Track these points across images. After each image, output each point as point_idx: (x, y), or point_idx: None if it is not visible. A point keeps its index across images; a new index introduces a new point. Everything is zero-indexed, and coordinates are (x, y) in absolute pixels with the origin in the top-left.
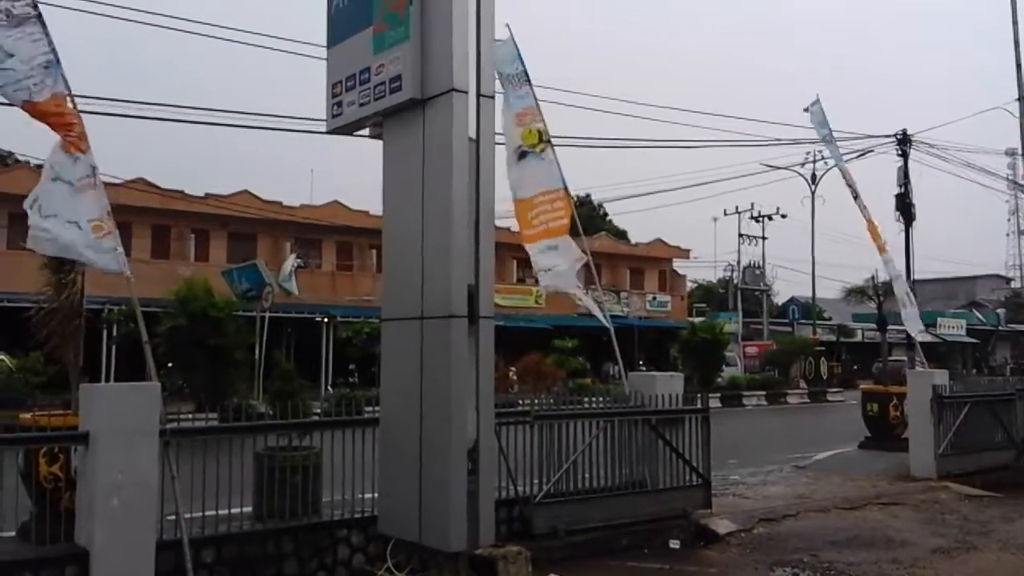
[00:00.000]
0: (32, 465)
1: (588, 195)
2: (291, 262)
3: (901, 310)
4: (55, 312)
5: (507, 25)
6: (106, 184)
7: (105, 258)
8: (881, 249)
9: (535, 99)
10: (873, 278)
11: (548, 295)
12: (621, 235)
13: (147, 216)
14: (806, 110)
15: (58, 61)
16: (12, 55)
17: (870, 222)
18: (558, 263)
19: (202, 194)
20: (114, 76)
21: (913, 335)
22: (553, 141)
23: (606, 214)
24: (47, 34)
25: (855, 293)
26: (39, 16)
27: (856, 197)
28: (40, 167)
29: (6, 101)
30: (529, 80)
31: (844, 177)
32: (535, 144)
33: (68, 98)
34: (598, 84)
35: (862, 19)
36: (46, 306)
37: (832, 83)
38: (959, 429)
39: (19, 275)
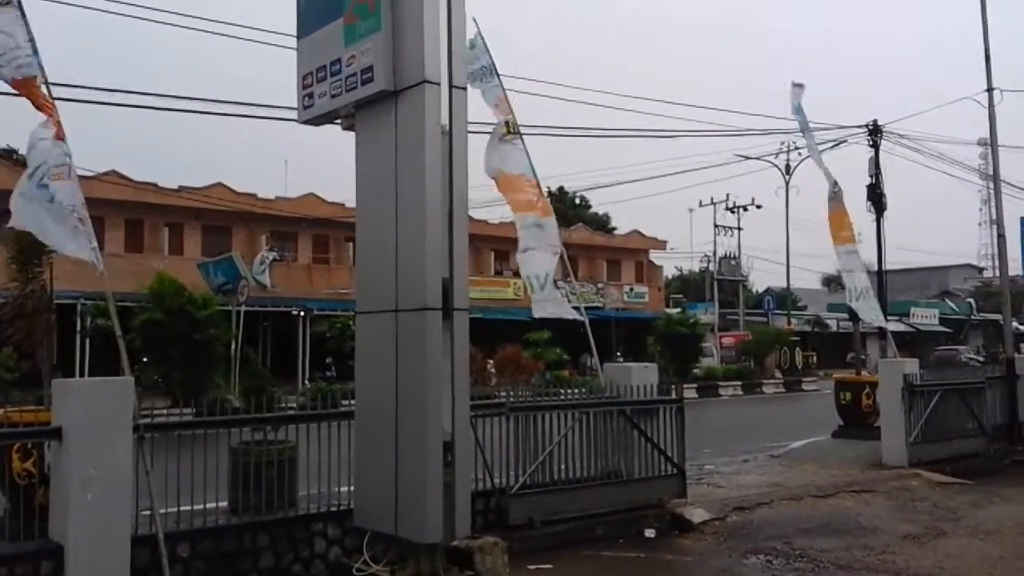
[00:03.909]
0: (5, 461)
1: (561, 187)
2: (267, 255)
3: (852, 303)
4: (23, 307)
5: (474, 19)
6: (79, 177)
7: (81, 247)
8: (846, 240)
9: (503, 90)
10: None
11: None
12: (603, 223)
13: (120, 209)
14: (795, 85)
15: (35, 50)
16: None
17: (836, 213)
18: (534, 245)
19: (176, 187)
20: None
21: (882, 325)
22: (524, 131)
23: (588, 205)
24: (26, 22)
25: (834, 283)
26: (19, 2)
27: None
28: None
29: None
30: (496, 72)
31: (821, 168)
32: (506, 134)
33: (44, 86)
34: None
35: (835, 12)
36: (12, 301)
37: (801, 74)
38: (930, 417)
39: None
